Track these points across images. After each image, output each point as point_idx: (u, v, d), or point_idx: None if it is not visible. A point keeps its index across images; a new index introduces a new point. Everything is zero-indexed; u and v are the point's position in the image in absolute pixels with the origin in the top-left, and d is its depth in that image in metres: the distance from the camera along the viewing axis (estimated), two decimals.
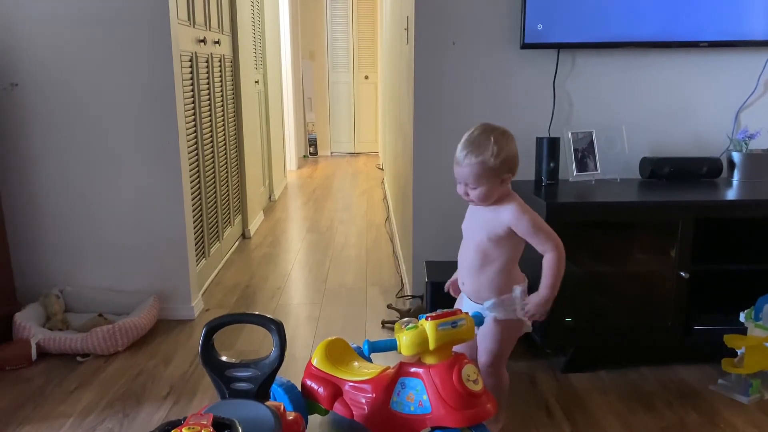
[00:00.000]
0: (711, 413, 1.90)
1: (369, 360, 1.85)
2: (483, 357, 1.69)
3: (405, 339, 1.51)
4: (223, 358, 1.58)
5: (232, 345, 2.38)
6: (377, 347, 1.56)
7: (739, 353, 2.01)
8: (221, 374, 1.56)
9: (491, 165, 1.56)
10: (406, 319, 1.58)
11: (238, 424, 1.28)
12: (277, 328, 1.57)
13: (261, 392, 1.56)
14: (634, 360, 2.21)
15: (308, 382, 1.78)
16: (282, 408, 1.55)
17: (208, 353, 1.57)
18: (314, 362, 1.79)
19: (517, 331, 1.69)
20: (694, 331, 2.16)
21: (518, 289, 1.64)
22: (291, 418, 1.57)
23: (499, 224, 1.62)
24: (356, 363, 1.79)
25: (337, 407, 1.71)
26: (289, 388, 1.76)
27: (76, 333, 2.33)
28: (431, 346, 1.50)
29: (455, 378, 1.48)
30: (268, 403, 1.53)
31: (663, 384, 2.08)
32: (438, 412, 1.49)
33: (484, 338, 1.68)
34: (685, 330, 2.16)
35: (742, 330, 2.01)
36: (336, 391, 1.72)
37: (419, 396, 1.53)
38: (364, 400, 1.65)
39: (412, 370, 1.56)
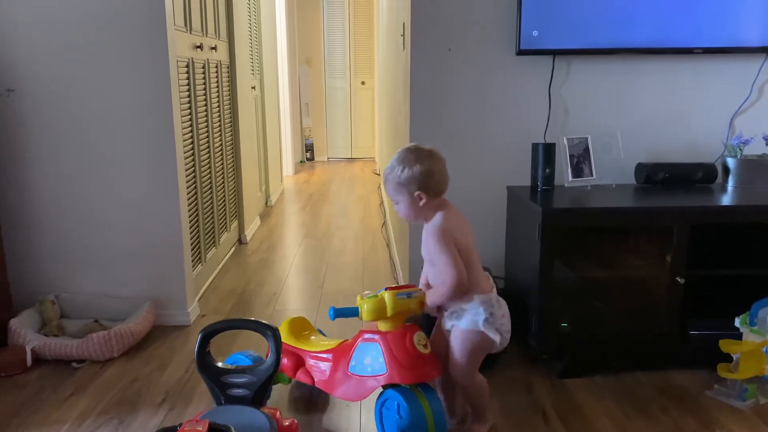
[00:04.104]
0: (707, 419, 1.90)
1: (323, 334, 2.06)
2: (452, 369, 1.73)
3: (366, 306, 1.69)
4: (219, 364, 1.58)
5: (228, 351, 2.37)
6: (341, 312, 1.73)
7: (734, 358, 2.02)
8: (217, 380, 1.56)
9: (398, 180, 1.67)
10: (367, 291, 1.75)
11: (234, 430, 1.28)
12: (273, 333, 1.57)
13: (257, 398, 1.56)
14: (630, 365, 2.21)
15: None
16: (278, 413, 1.55)
17: (204, 359, 1.57)
18: None
19: (483, 342, 1.70)
20: (690, 336, 2.16)
21: (478, 300, 1.68)
22: (287, 423, 1.57)
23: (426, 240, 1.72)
24: (313, 337, 2.02)
25: (300, 375, 1.91)
26: (255, 360, 1.93)
27: (71, 339, 2.32)
28: (389, 312, 1.68)
29: (408, 342, 1.68)
30: (264, 409, 1.53)
31: (659, 389, 2.08)
32: (391, 371, 1.67)
33: (452, 349, 1.72)
34: (680, 335, 2.16)
35: (738, 335, 2.01)
36: (298, 361, 1.92)
37: (375, 359, 1.70)
38: (324, 368, 1.85)
39: (370, 336, 1.73)
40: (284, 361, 1.93)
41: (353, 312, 1.71)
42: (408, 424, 1.64)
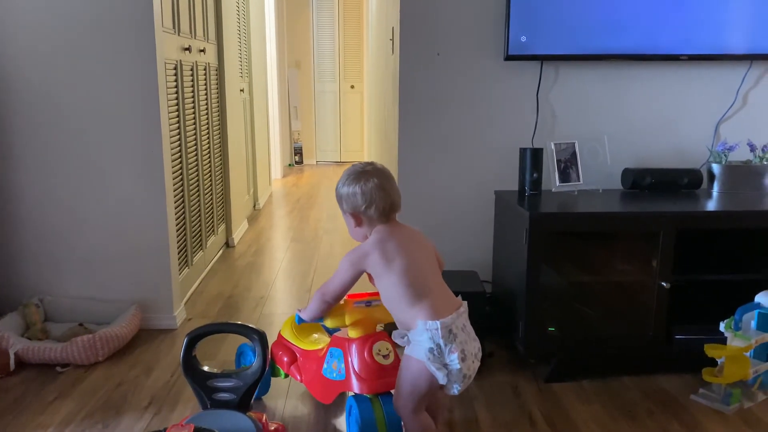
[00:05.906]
0: (692, 423, 1.91)
1: (330, 333, 2.02)
2: (393, 396, 1.63)
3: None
4: (205, 368, 1.57)
5: (214, 355, 2.36)
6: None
7: (719, 363, 2.03)
8: (203, 384, 1.55)
9: (336, 196, 1.67)
10: None
11: None
12: (259, 337, 1.56)
13: (243, 403, 1.55)
14: (617, 369, 2.22)
15: (275, 349, 2.01)
16: (264, 418, 1.54)
17: (190, 363, 1.56)
18: (282, 331, 2.02)
19: (423, 374, 1.51)
20: (675, 340, 2.18)
21: (422, 326, 1.51)
22: (273, 428, 1.56)
23: None
24: (315, 335, 2.01)
25: (292, 371, 1.95)
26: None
27: (55, 343, 2.30)
28: (346, 320, 1.72)
29: (366, 351, 1.70)
30: (249, 413, 1.52)
31: (645, 393, 2.09)
32: (349, 379, 1.71)
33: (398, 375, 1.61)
34: (666, 340, 2.18)
35: (722, 340, 2.03)
36: (293, 357, 1.96)
37: (340, 364, 1.75)
38: (309, 366, 1.89)
39: (337, 342, 1.78)
40: (282, 356, 1.97)
41: (318, 318, 1.74)
42: None
